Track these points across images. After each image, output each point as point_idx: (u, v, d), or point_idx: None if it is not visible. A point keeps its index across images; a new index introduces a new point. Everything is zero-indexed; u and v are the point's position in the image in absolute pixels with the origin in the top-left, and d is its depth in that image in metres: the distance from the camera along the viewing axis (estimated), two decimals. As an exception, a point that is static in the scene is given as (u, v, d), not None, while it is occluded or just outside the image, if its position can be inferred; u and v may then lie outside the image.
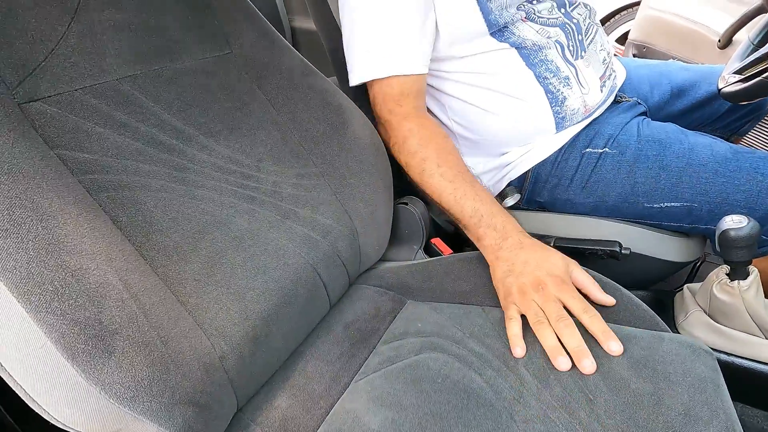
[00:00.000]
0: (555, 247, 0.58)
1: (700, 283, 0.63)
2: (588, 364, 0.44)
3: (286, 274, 0.49)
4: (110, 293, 0.33)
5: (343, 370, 0.50)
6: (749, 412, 0.63)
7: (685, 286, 0.66)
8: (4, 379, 0.32)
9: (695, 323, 0.62)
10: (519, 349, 0.48)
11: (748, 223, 0.52)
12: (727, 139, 0.79)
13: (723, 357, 0.59)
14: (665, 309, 0.67)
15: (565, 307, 0.49)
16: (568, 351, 0.46)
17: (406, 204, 0.67)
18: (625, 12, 2.00)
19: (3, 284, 0.29)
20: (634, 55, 1.54)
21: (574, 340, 0.46)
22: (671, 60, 1.10)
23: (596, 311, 0.48)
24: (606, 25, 2.01)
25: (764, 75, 0.62)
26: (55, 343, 0.30)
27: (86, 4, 0.44)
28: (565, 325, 0.47)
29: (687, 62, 1.13)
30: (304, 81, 0.60)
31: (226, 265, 0.44)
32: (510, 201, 0.74)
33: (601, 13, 1.96)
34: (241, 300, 0.44)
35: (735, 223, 0.52)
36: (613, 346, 0.45)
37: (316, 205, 0.56)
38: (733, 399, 0.42)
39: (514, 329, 0.49)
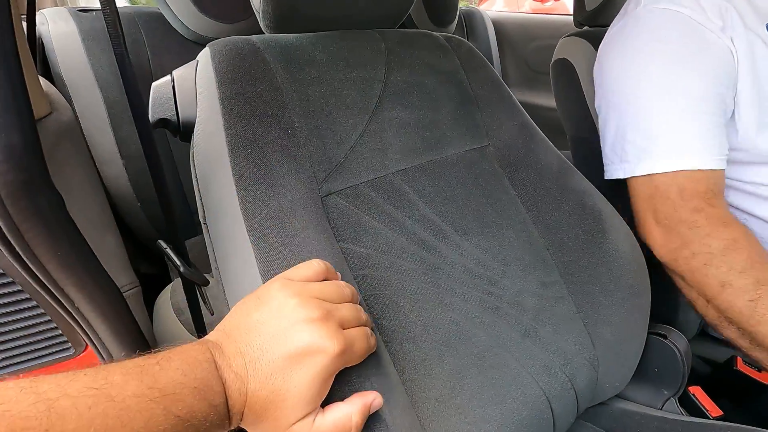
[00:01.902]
0: None
1: None
2: None
3: (522, 406, 0.42)
4: (374, 416, 0.31)
5: None
6: None
7: None
8: None
9: None
10: None
11: None
12: None
13: None
14: None
15: None
16: None
17: (665, 337, 0.54)
18: None
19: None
20: None
21: None
22: None
23: None
24: None
25: None
26: None
27: (381, 105, 0.48)
28: None
29: None
30: (559, 179, 0.54)
31: (467, 387, 0.39)
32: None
33: None
34: (476, 431, 0.39)
35: None
36: None
37: (556, 323, 0.48)
38: None
39: None
